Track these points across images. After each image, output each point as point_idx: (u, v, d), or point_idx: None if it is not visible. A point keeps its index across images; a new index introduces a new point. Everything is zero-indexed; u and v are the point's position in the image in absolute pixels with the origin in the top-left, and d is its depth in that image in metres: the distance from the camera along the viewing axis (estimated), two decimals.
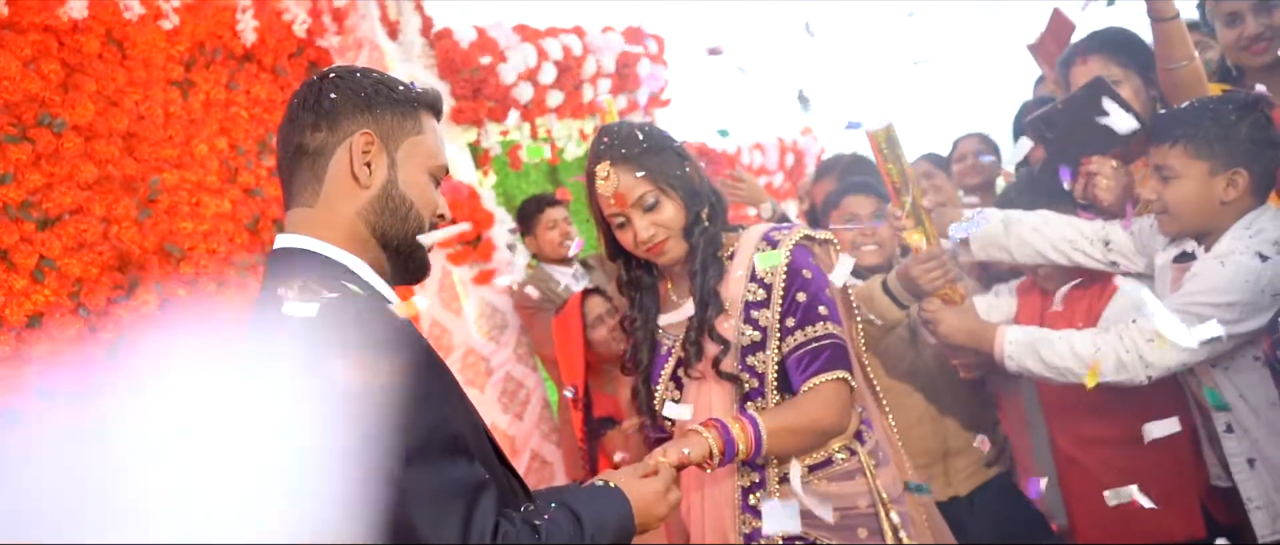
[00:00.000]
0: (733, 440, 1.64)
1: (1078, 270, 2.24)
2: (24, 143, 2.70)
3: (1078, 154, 2.21)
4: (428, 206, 1.30)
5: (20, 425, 2.55)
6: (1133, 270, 2.16)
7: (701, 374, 1.85)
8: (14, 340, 2.56)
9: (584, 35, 4.79)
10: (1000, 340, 2.06)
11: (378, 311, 1.15)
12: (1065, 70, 2.35)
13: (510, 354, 4.14)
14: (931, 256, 2.15)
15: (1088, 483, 2.36)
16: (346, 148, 1.24)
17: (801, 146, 6.69)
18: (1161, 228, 1.99)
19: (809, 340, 1.78)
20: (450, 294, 4.05)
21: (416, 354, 1.14)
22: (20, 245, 2.62)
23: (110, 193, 2.89)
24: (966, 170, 3.58)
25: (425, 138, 1.30)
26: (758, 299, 1.82)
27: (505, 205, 4.45)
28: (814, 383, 1.76)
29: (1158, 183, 1.94)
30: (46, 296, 2.65)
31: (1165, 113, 1.99)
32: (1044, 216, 2.21)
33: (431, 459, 1.10)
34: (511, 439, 4.09)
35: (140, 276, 2.91)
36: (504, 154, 4.52)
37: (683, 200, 1.82)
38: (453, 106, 4.19)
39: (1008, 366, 2.06)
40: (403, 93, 1.29)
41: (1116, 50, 2.27)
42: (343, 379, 1.07)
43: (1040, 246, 2.18)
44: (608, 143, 1.83)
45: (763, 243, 1.85)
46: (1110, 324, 2.11)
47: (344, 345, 1.09)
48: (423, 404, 1.10)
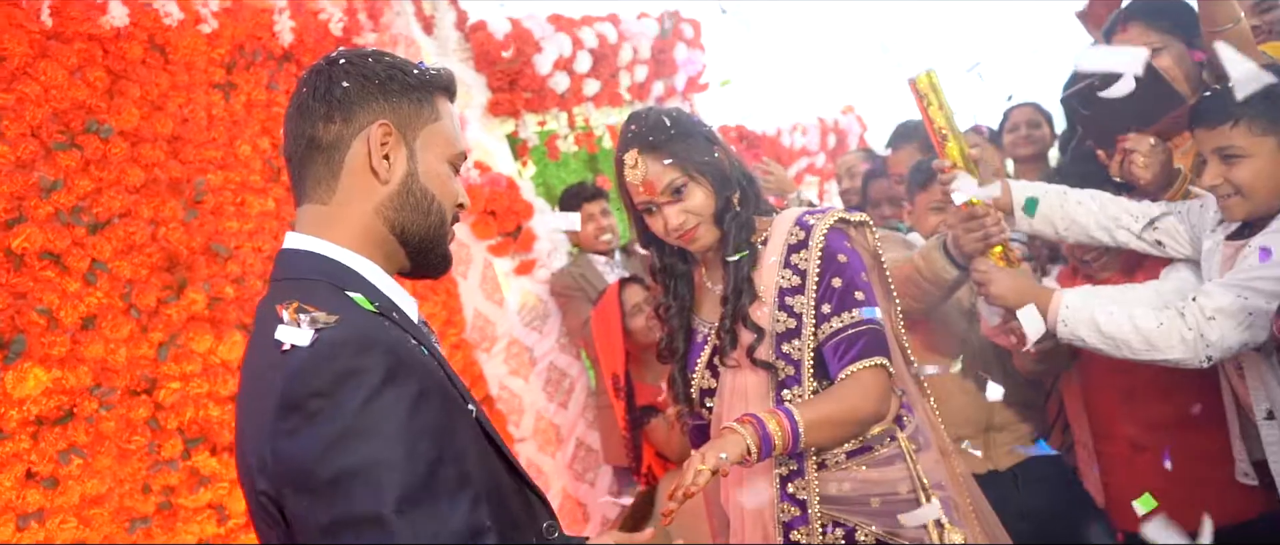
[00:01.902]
0: (769, 436, 1.61)
1: (1123, 254, 2.18)
2: (72, 149, 2.77)
3: (1114, 131, 2.13)
4: (449, 198, 1.22)
5: (75, 424, 2.63)
6: (1179, 253, 2.08)
7: (737, 362, 1.83)
8: (69, 341, 2.63)
9: (619, 22, 4.77)
10: (1056, 302, 1.95)
11: (370, 346, 1.04)
12: (1108, 38, 2.28)
13: (553, 343, 4.16)
14: (972, 215, 2.07)
15: (1125, 467, 2.31)
16: (364, 140, 1.16)
17: (843, 126, 6.61)
18: (1230, 212, 1.89)
19: (846, 326, 1.75)
20: (492, 285, 4.08)
21: (409, 386, 1.04)
22: (72, 249, 2.70)
23: (157, 195, 2.95)
24: (1018, 141, 3.50)
25: (443, 124, 1.22)
26: (792, 285, 1.79)
27: (545, 196, 4.46)
28: (852, 370, 1.73)
29: (1221, 166, 1.84)
30: (99, 298, 2.72)
31: (1213, 93, 1.89)
32: (1091, 193, 2.13)
33: (425, 503, 1.00)
34: (557, 427, 4.12)
35: (188, 276, 2.98)
36: (542, 144, 4.53)
37: (712, 186, 1.79)
38: (489, 99, 4.20)
39: (1059, 332, 1.95)
40: (417, 76, 1.21)
41: (1157, 16, 2.19)
42: (327, 421, 1.00)
43: (1085, 222, 2.10)
44: (635, 130, 1.81)
45: (796, 227, 1.81)
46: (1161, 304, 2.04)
47: (333, 384, 1.01)
48: (416, 441, 1.02)
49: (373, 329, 1.07)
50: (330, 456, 0.99)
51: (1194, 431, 2.17)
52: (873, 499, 1.79)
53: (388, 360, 1.03)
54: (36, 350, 2.56)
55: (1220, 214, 1.95)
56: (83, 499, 2.62)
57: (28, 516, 2.51)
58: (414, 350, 1.09)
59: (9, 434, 2.50)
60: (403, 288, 1.23)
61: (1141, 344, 1.87)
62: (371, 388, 1.01)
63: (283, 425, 1.01)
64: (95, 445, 2.66)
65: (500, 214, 3.98)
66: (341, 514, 0.99)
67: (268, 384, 1.05)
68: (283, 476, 1.02)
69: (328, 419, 1.00)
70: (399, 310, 1.17)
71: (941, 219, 2.53)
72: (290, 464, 1.01)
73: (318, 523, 1.00)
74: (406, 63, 1.22)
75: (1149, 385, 2.18)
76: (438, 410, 1.06)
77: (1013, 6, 7.42)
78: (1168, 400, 2.19)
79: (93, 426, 2.66)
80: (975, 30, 7.61)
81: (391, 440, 1.00)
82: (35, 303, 2.59)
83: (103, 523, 2.65)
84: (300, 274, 1.15)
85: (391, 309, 1.15)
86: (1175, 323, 1.84)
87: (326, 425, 0.99)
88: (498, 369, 4.13)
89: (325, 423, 0.99)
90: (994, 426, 2.47)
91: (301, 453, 1.00)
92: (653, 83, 5.05)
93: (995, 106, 3.87)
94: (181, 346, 2.90)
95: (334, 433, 0.99)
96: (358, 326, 1.06)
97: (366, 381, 1.01)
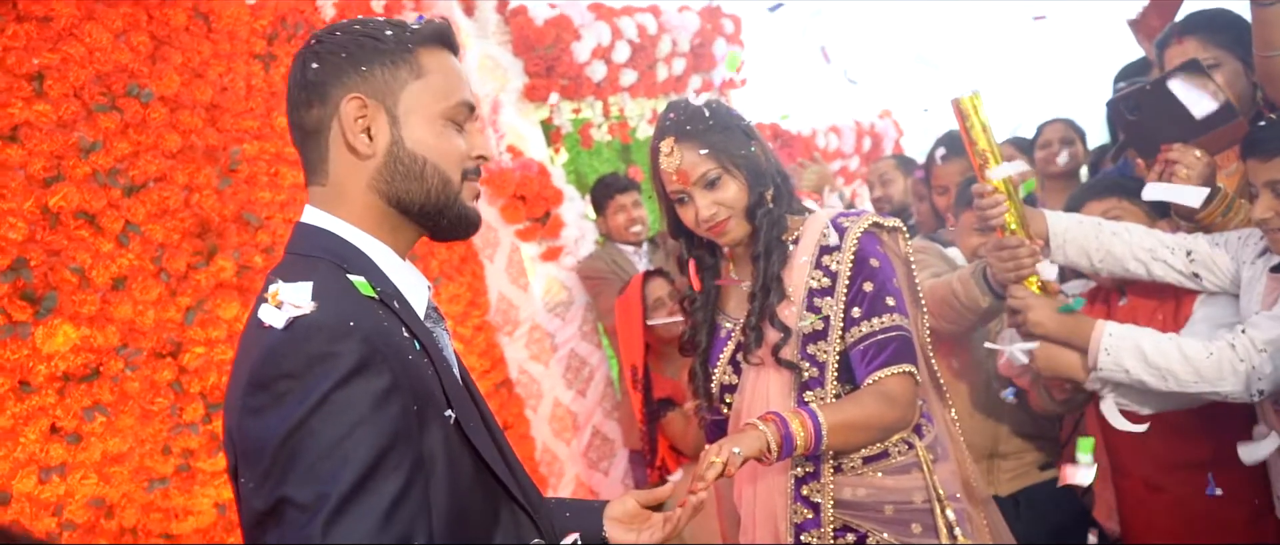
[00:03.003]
0: (791, 435, 1.60)
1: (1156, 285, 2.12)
2: (113, 112, 2.80)
3: (1159, 141, 2.06)
4: (448, 155, 1.15)
5: (101, 383, 2.67)
6: (1215, 286, 2.02)
7: (760, 360, 1.82)
8: (99, 301, 2.67)
9: (660, 14, 4.76)
10: (1099, 332, 1.89)
11: (346, 334, 1.02)
12: (1161, 51, 2.22)
13: (575, 331, 4.17)
14: (1004, 245, 2.02)
15: (1141, 507, 2.27)
16: (338, 119, 1.13)
17: (879, 130, 6.56)
18: (1277, 246, 1.84)
19: (875, 332, 1.74)
20: (518, 270, 4.09)
21: (379, 381, 1.02)
22: (107, 210, 2.73)
23: (193, 162, 2.98)
24: (1050, 157, 3.47)
25: (429, 80, 1.15)
26: (822, 287, 1.78)
27: (576, 183, 4.47)
28: (879, 376, 1.72)
29: (1274, 199, 1.80)
30: (130, 260, 2.75)
31: (1269, 124, 1.84)
32: (1126, 225, 2.08)
33: (366, 498, 0.99)
34: (574, 415, 4.13)
35: (219, 243, 3.01)
36: (575, 132, 4.53)
37: (747, 180, 1.78)
38: (526, 84, 4.21)
39: (1102, 363, 1.88)
40: (391, 37, 1.14)
41: (1215, 31, 2.13)
42: (293, 404, 0.99)
43: (1120, 254, 2.04)
44: (673, 118, 1.81)
45: (830, 229, 1.80)
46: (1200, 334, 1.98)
47: (303, 368, 1.00)
48: (372, 436, 1.00)
49: (355, 316, 1.04)
50: (287, 440, 0.98)
51: (1209, 473, 2.11)
52: (886, 506, 1.78)
53: (362, 350, 1.01)
54: (67, 308, 2.60)
55: (1264, 244, 1.90)
56: (104, 456, 2.66)
57: (50, 470, 2.56)
58: (397, 344, 1.06)
59: (36, 388, 2.54)
60: (415, 272, 1.21)
61: (1190, 375, 1.81)
62: (340, 376, 0.99)
63: (250, 402, 1.01)
64: (119, 404, 2.70)
65: (530, 199, 3.99)
66: (281, 496, 0.98)
67: (246, 356, 1.06)
68: (241, 451, 1.03)
69: (294, 402, 0.99)
70: (402, 299, 1.15)
71: (983, 241, 2.50)
72: (250, 441, 1.01)
73: (260, 501, 1.00)
74: (380, 26, 1.16)
75: (1164, 424, 2.11)
76: (403, 409, 1.03)
77: (1054, 18, 7.30)
78: (1183, 440, 2.13)
79: (117, 386, 2.70)
80: (1018, 40, 7.52)
81: (347, 432, 0.98)
82: (68, 261, 2.63)
83: (122, 480, 2.69)
84: (308, 251, 1.14)
85: (393, 297, 1.13)
86: (1226, 354, 1.78)
87: (290, 408, 0.99)
88: (519, 353, 4.15)
89: (290, 406, 0.99)
90: (999, 454, 2.45)
91: (261, 432, 1.00)
92: (690, 76, 5.04)
93: (1030, 118, 3.84)
94: (208, 312, 2.93)
95: (296, 418, 0.98)
96: (338, 312, 1.03)
97: (337, 369, 0.99)
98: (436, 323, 1.23)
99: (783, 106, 5.77)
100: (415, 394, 1.06)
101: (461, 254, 4.09)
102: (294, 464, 0.98)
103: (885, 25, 6.99)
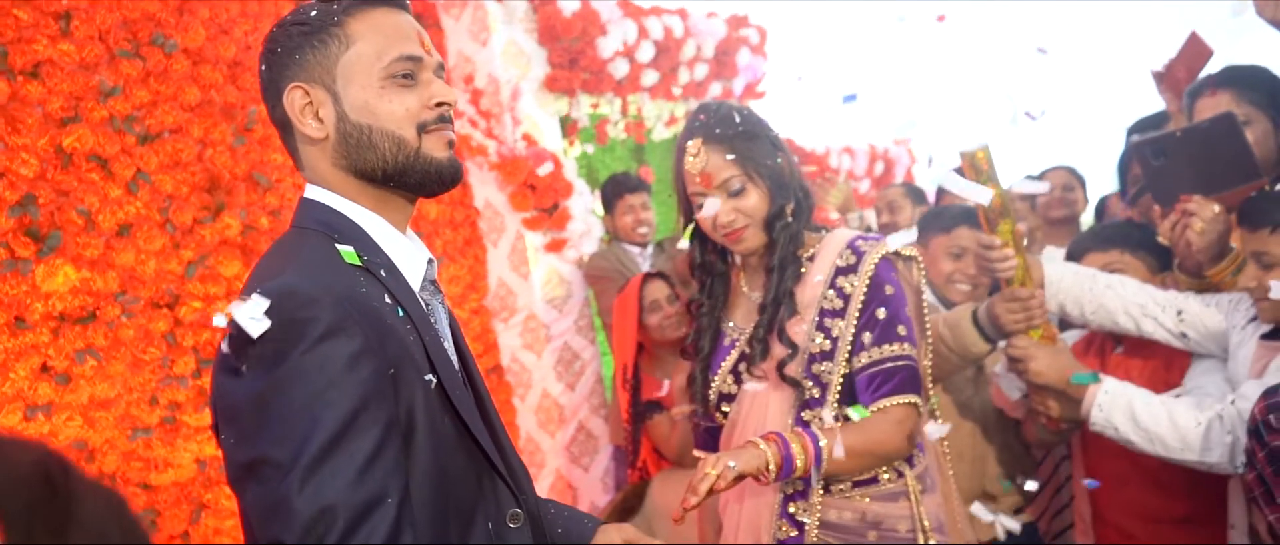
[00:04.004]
0: (791, 457, 1.60)
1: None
2: (136, 59, 2.80)
3: (1180, 190, 2.05)
4: (392, 115, 1.16)
5: (95, 327, 2.67)
6: (1202, 348, 2.03)
7: (763, 374, 1.80)
8: (103, 245, 2.67)
9: (687, 17, 4.76)
10: (1094, 387, 1.93)
11: (317, 299, 1.05)
12: (1192, 100, 2.21)
13: (571, 324, 4.17)
14: (1016, 297, 2.01)
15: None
16: (290, 110, 1.17)
17: (892, 156, 6.57)
18: (1264, 314, 1.86)
19: (885, 359, 1.73)
20: (520, 257, 4.09)
21: (350, 345, 1.04)
22: (120, 156, 2.73)
23: (210, 117, 2.98)
24: (1052, 203, 3.49)
25: (362, 46, 1.15)
26: (834, 308, 1.76)
27: (587, 178, 4.47)
28: (884, 404, 1.71)
29: (1258, 269, 1.81)
30: (138, 208, 2.76)
31: (1258, 196, 1.85)
32: (1121, 278, 2.10)
33: (336, 456, 1.01)
34: (561, 407, 4.14)
35: (227, 200, 3.01)
36: (592, 127, 4.53)
37: (769, 190, 1.77)
38: (548, 74, 4.21)
39: (1093, 418, 1.92)
40: (316, 17, 1.16)
41: (1251, 87, 2.12)
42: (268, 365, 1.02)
43: (1113, 308, 2.06)
44: (703, 120, 1.79)
45: (848, 250, 1.79)
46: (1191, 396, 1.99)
47: (277, 330, 1.03)
48: (341, 398, 1.03)
49: (330, 283, 1.08)
50: (261, 401, 1.02)
51: (1187, 530, 2.12)
52: (871, 532, 1.78)
53: (334, 314, 1.04)
54: (70, 248, 2.60)
55: (1254, 311, 1.91)
56: (91, 400, 2.66)
57: (36, 408, 2.56)
58: (374, 309, 1.09)
59: (31, 325, 2.54)
60: (416, 244, 1.23)
61: (1177, 442, 1.83)
62: (312, 340, 1.03)
63: (228, 363, 1.05)
64: (111, 350, 2.70)
65: (540, 189, 4.00)
66: (258, 455, 1.02)
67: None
68: (220, 410, 1.08)
69: (268, 364, 1.02)
70: (392, 268, 1.17)
71: (957, 267, 2.52)
72: (227, 399, 1.06)
73: (238, 458, 1.04)
74: (304, 9, 1.19)
75: (1144, 475, 2.13)
76: (375, 372, 1.06)
77: (1078, 61, 7.32)
78: (1162, 494, 2.14)
79: (112, 331, 2.70)
80: (1036, 78, 7.52)
81: (319, 393, 1.02)
82: (77, 202, 2.63)
83: (106, 426, 2.70)
84: (303, 223, 1.19)
85: (381, 266, 1.16)
86: (1214, 426, 1.79)
87: (264, 370, 1.02)
88: (512, 341, 4.15)
89: (265, 367, 1.02)
90: (987, 495, 2.45)
91: (238, 390, 1.04)
92: (711, 83, 5.04)
93: (1033, 162, 3.86)
94: (210, 267, 2.93)
95: (270, 377, 1.02)
96: (313, 280, 1.07)
97: (309, 333, 1.03)
98: (433, 294, 1.25)
99: (803, 120, 5.77)
100: (392, 357, 1.08)
101: (466, 236, 4.09)
102: (268, 423, 1.02)
103: (913, 47, 7.00)
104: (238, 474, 1.05)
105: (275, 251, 1.18)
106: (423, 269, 1.22)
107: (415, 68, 1.17)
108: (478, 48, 4.07)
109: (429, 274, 1.24)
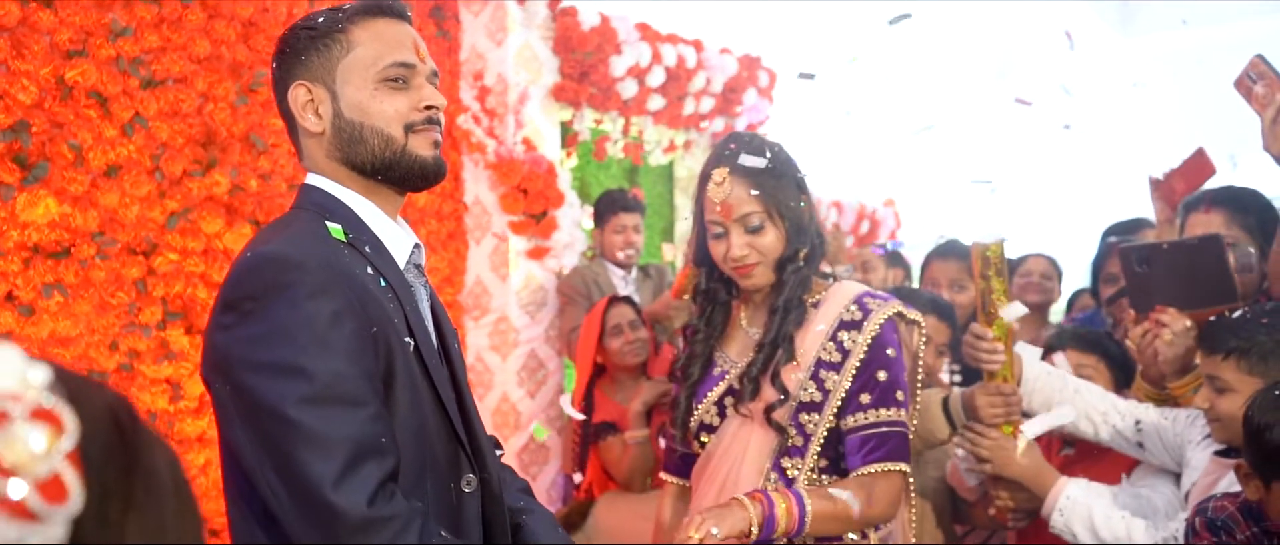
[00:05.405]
0: (774, 519, 1.59)
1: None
2: (151, 3, 2.79)
3: (1156, 300, 2.07)
4: (382, 114, 1.26)
5: (68, 263, 2.65)
6: (1155, 460, 2.06)
7: (749, 414, 1.78)
8: (88, 183, 2.65)
9: (702, 50, 4.80)
10: (1057, 489, 1.95)
11: (300, 263, 1.16)
12: (1185, 213, 2.25)
13: (541, 333, 4.17)
14: (1000, 391, 2.01)
15: None
16: (293, 106, 1.29)
17: (879, 217, 6.63)
18: (1213, 435, 1.90)
19: (881, 423, 1.72)
20: (501, 259, 4.10)
21: (332, 304, 1.15)
22: (120, 97, 2.72)
23: (216, 72, 2.97)
24: (1029, 288, 3.53)
25: (360, 52, 1.26)
26: (832, 360, 1.74)
27: (578, 190, 4.48)
28: (874, 470, 1.70)
29: (1211, 392, 1.85)
30: (130, 151, 2.74)
31: (1216, 320, 1.89)
32: (1088, 384, 2.13)
33: (324, 406, 1.12)
34: (519, 414, 4.13)
35: (220, 158, 3.00)
36: (591, 141, 4.55)
37: (787, 232, 1.75)
38: (557, 83, 4.23)
39: (1053, 521, 1.94)
40: (323, 23, 1.28)
41: (1245, 212, 2.16)
42: (256, 322, 1.14)
43: (1078, 411, 2.09)
44: (733, 149, 1.76)
45: (855, 305, 1.78)
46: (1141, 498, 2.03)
47: (264, 291, 1.15)
48: (326, 352, 1.13)
49: (316, 250, 1.19)
50: (251, 352, 1.13)
51: None
52: None
53: (318, 276, 1.15)
54: (55, 181, 2.58)
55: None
56: (51, 335, 2.64)
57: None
58: (357, 276, 1.20)
59: (3, 252, 2.52)
60: (405, 230, 1.33)
61: None
62: (297, 299, 1.14)
63: (221, 320, 1.17)
64: (80, 289, 2.68)
65: (531, 194, 4.01)
66: (250, 404, 1.13)
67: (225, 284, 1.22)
68: (212, 365, 1.18)
69: (256, 320, 1.14)
70: (378, 246, 1.28)
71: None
72: (219, 354, 1.17)
73: (231, 408, 1.15)
74: (316, 15, 1.30)
75: None
76: (356, 330, 1.16)
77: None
78: None
79: (84, 270, 2.68)
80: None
81: (305, 347, 1.12)
82: (70, 136, 2.61)
83: (61, 363, 2.66)
84: (299, 204, 1.31)
85: (366, 242, 1.26)
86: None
87: (254, 325, 1.14)
88: (480, 340, 4.15)
89: (253, 323, 1.14)
90: None
91: (229, 346, 1.16)
92: (715, 117, 5.07)
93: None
94: (192, 221, 2.92)
95: (258, 332, 1.13)
96: (301, 247, 1.18)
97: (294, 293, 1.14)
98: (417, 277, 1.35)
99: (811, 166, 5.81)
100: (373, 318, 1.19)
101: (450, 230, 4.09)
102: (259, 377, 1.12)
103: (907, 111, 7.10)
104: (229, 422, 1.16)
105: (270, 226, 1.31)
106: (408, 252, 1.32)
107: (408, 73, 1.28)
108: (492, 46, 4.08)
109: (415, 258, 1.34)
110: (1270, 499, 1.49)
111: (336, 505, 1.09)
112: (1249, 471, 1.54)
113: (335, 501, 1.09)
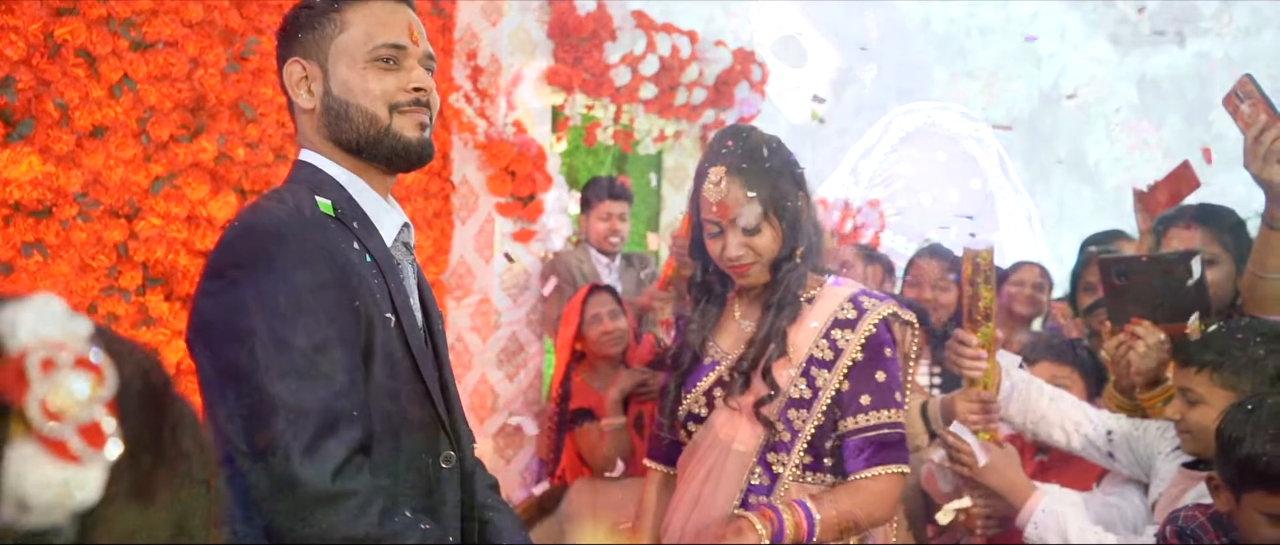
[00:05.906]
0: (782, 532, 1.61)
1: None
2: None
3: (1132, 313, 2.09)
4: (369, 94, 1.28)
5: (49, 223, 2.62)
6: (1124, 471, 2.09)
7: (738, 407, 1.77)
8: (73, 143, 2.62)
9: (696, 41, 4.79)
10: (1034, 501, 1.96)
11: (287, 235, 1.19)
12: (1164, 226, 2.27)
13: (522, 316, 4.17)
14: (981, 398, 2.03)
15: None
16: (287, 82, 1.32)
17: (863, 219, 6.65)
18: (1183, 447, 1.93)
19: (882, 425, 1.72)
20: (486, 240, 4.09)
21: (315, 276, 1.18)
22: (110, 57, 2.69)
23: (208, 37, 2.94)
24: (1020, 296, 3.55)
25: (353, 31, 1.29)
26: (824, 358, 1.74)
27: (566, 175, 4.48)
28: (877, 472, 1.70)
29: (1183, 404, 1.87)
30: (117, 113, 2.71)
31: (1199, 336, 1.91)
32: (1061, 392, 2.15)
33: (299, 377, 1.14)
34: (496, 396, 4.13)
35: (208, 125, 2.97)
36: (581, 126, 4.55)
37: (784, 232, 1.73)
38: (550, 67, 4.21)
39: (1027, 533, 1.96)
40: (321, 3, 1.30)
41: (1224, 230, 2.19)
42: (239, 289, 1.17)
43: (1052, 420, 2.12)
44: (730, 147, 1.73)
45: (850, 304, 1.77)
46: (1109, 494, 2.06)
47: (249, 259, 1.18)
48: (306, 323, 1.15)
49: (302, 223, 1.22)
50: (232, 319, 1.16)
51: None
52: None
53: (302, 248, 1.18)
54: (40, 139, 2.55)
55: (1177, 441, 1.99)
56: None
57: None
58: (342, 249, 1.22)
59: None
60: (395, 209, 1.36)
61: None
62: (280, 269, 1.17)
63: (206, 286, 1.21)
64: (60, 250, 2.65)
65: (519, 177, 4.00)
66: (227, 369, 1.15)
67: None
68: (195, 329, 1.21)
69: (240, 288, 1.17)
70: (366, 222, 1.30)
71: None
72: (202, 319, 1.20)
73: (209, 372, 1.18)
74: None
75: None
76: (337, 302, 1.19)
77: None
78: None
79: (65, 231, 2.65)
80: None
81: (285, 316, 1.15)
82: (56, 94, 2.58)
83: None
84: (291, 179, 1.33)
85: (354, 219, 1.28)
86: None
87: (236, 293, 1.17)
88: (462, 320, 4.14)
89: (237, 291, 1.17)
90: None
91: (211, 311, 1.19)
92: (706, 109, 5.07)
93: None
94: (176, 187, 2.89)
95: (240, 300, 1.16)
96: (288, 219, 1.22)
97: (278, 263, 1.17)
98: (405, 256, 1.37)
99: None
100: (354, 291, 1.22)
101: (436, 209, 4.08)
102: (238, 344, 1.14)
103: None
104: (212, 386, 1.17)
105: (262, 197, 1.34)
106: (397, 230, 1.34)
107: (398, 55, 1.30)
108: (487, 26, 4.06)
109: (403, 237, 1.36)
110: (1240, 511, 1.51)
111: (300, 476, 1.11)
112: (1220, 483, 1.56)
113: (299, 473, 1.11)
